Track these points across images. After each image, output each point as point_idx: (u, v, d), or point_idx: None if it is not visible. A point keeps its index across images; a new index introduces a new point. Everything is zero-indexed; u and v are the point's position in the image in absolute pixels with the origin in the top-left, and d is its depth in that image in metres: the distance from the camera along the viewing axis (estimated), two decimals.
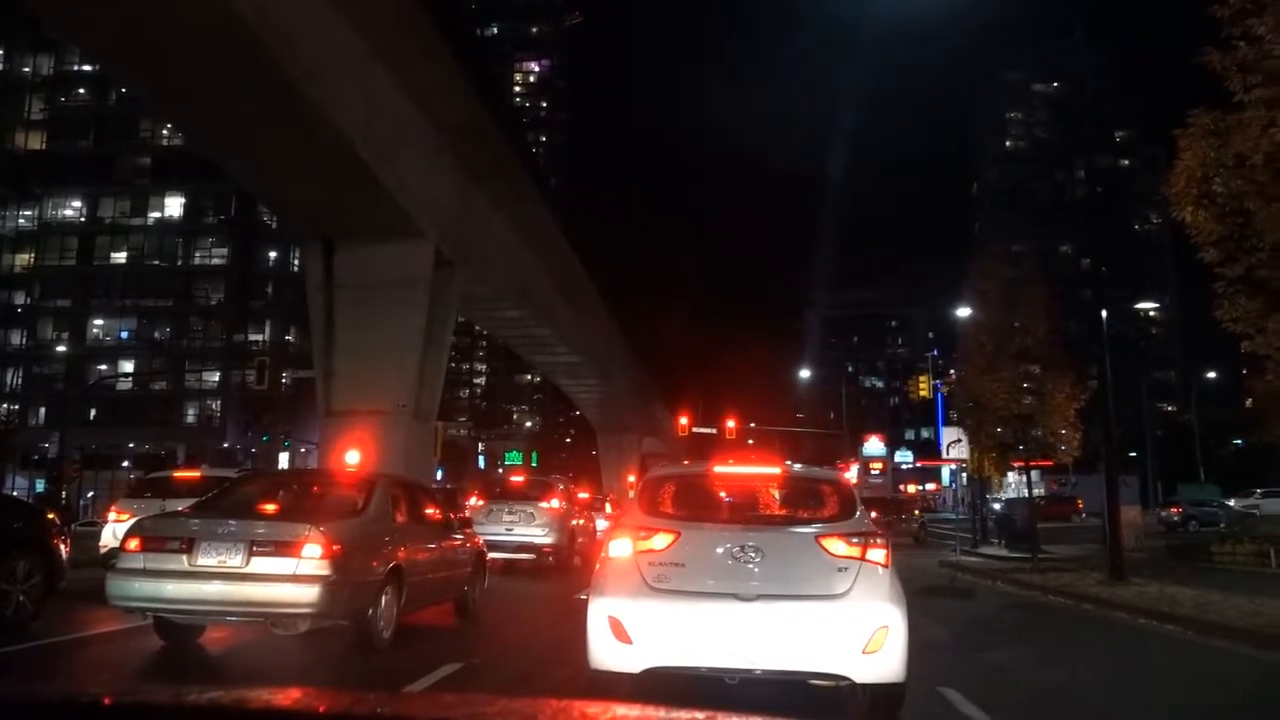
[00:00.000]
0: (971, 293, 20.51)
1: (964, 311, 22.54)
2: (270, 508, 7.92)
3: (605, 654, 5.14)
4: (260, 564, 6.63)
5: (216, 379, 62.98)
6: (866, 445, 62.64)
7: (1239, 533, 20.14)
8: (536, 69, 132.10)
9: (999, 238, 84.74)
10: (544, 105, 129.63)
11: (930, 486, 79.01)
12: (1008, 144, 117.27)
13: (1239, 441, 49.22)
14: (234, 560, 6.67)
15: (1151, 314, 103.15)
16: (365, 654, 7.13)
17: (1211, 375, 62.87)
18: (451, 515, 10.01)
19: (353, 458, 17.56)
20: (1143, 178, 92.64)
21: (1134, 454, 58.21)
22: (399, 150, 18.72)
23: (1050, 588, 14.39)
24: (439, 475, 37.71)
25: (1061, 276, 45.73)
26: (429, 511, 9.19)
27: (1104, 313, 17.93)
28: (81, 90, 66.01)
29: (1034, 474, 20.57)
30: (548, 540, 15.79)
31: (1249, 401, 34.46)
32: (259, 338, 64.19)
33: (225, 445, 59.94)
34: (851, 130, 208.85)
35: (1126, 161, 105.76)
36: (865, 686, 5.08)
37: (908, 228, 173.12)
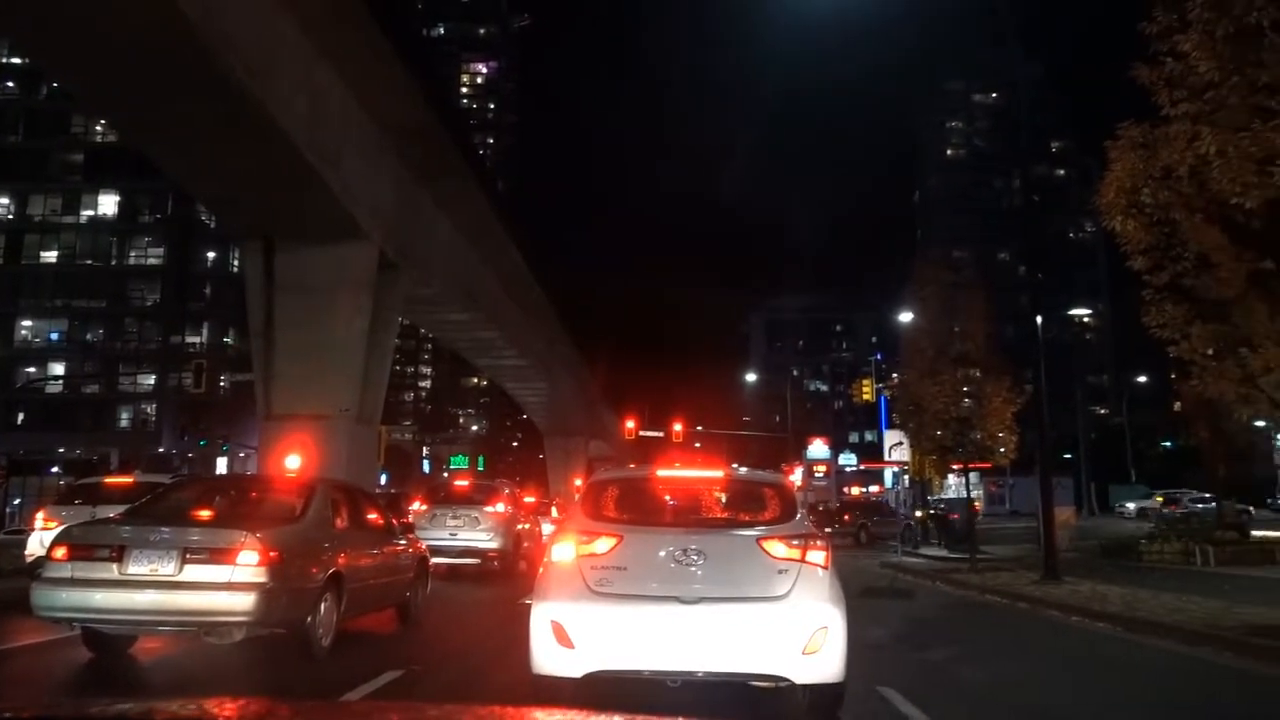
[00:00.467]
0: (913, 298, 20.90)
1: (906, 316, 22.95)
2: (205, 514, 7.75)
3: (547, 659, 5.13)
4: (194, 572, 6.48)
5: (152, 382, 61.31)
6: (811, 448, 63.27)
7: (1167, 532, 20.74)
8: (484, 70, 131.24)
9: (940, 244, 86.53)
10: (491, 107, 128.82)
11: (874, 489, 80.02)
12: (949, 152, 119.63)
13: (1167, 443, 50.92)
14: (166, 568, 6.50)
15: (1086, 320, 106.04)
16: (304, 662, 7.01)
17: (1142, 379, 64.86)
18: (394, 520, 9.90)
19: (293, 462, 17.24)
20: (1077, 187, 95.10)
21: (1068, 456, 59.69)
22: (344, 151, 18.47)
23: (987, 587, 14.70)
24: (382, 480, 37.24)
25: (1000, 282, 46.74)
26: (370, 517, 9.07)
27: (1039, 318, 18.38)
28: (11, 84, 63.88)
29: (972, 476, 20.98)
30: (492, 545, 15.67)
31: (1176, 405, 35.69)
32: (196, 340, 62.58)
33: (161, 450, 58.39)
34: (802, 136, 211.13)
35: (1062, 171, 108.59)
36: (805, 687, 5.14)
37: (855, 232, 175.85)
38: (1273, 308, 8.51)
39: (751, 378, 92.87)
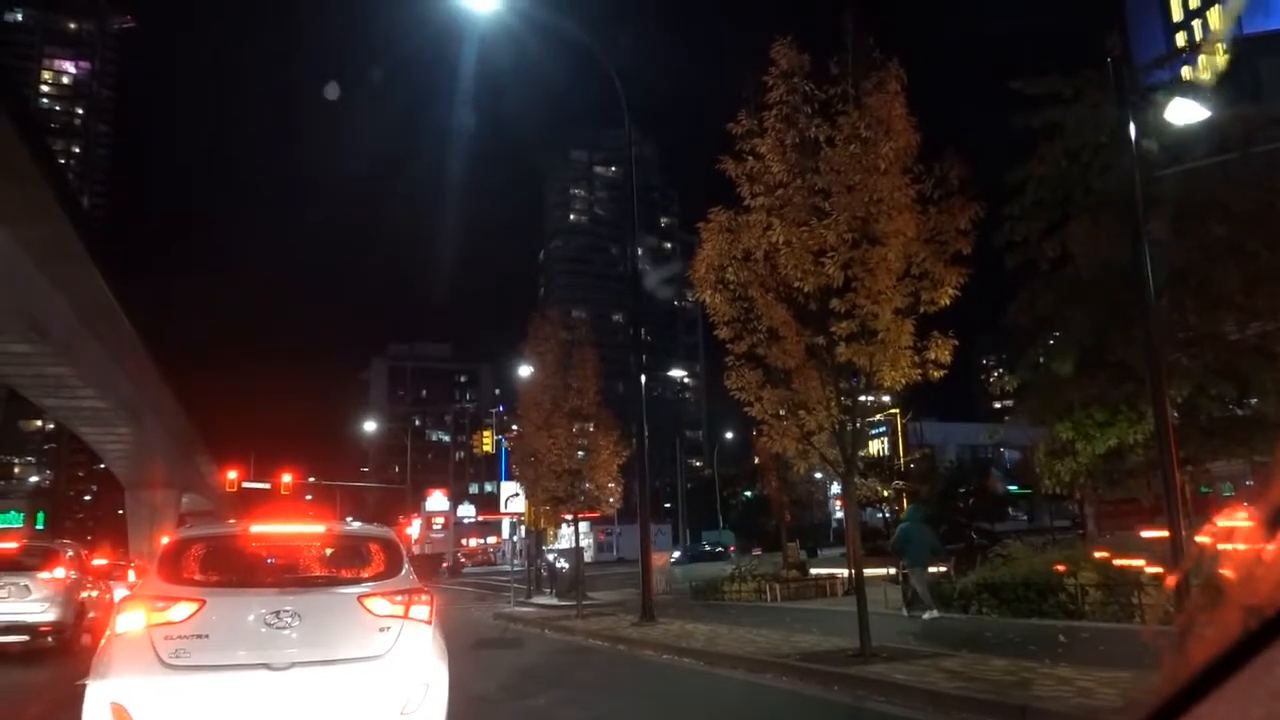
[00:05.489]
0: (533, 353, 21.66)
1: (526, 370, 23.67)
2: None
3: None
4: None
5: None
6: (430, 500, 62.49)
7: (745, 573, 23.19)
8: (73, 70, 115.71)
9: (560, 302, 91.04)
10: (80, 112, 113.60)
11: (492, 540, 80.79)
12: (572, 217, 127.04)
13: (748, 493, 57.38)
14: None
15: (685, 380, 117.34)
16: None
17: (730, 436, 72.84)
18: None
19: None
20: (682, 260, 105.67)
21: (669, 505, 65.03)
22: None
23: (591, 632, 15.42)
24: None
25: (612, 342, 50.19)
26: None
27: (644, 378, 19.92)
28: None
29: (583, 525, 22.02)
30: (46, 617, 13.39)
31: (756, 459, 40.47)
32: None
33: None
34: (432, 189, 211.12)
35: (669, 244, 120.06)
36: None
37: (484, 287, 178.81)
38: (823, 377, 10.04)
39: (372, 427, 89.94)
